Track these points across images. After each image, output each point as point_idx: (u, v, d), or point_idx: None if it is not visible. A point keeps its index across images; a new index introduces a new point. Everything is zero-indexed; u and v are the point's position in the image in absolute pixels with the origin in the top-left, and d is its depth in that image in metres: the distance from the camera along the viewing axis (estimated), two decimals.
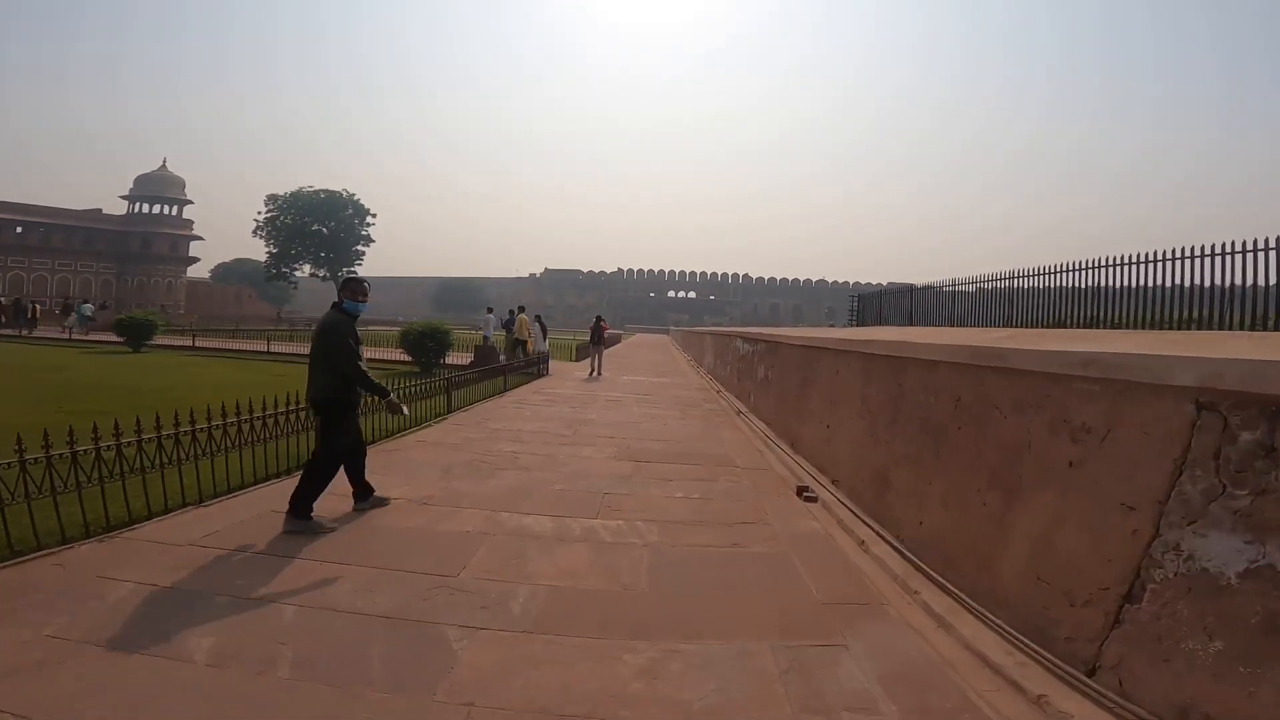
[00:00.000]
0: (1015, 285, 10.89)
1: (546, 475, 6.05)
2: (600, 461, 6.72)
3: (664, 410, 10.85)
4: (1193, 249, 7.45)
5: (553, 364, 19.94)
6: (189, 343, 21.68)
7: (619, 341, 40.93)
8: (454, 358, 17.57)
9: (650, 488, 5.80)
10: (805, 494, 5.88)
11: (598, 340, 18.09)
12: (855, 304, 22.24)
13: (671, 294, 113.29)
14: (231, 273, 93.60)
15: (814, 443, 6.68)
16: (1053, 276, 9.41)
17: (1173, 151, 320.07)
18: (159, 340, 21.91)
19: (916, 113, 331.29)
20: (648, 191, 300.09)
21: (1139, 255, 7.91)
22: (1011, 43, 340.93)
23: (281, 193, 56.50)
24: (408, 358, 15.68)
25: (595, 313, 23.94)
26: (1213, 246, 7.01)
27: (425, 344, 15.17)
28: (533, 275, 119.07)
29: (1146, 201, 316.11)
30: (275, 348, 19.63)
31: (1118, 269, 8.05)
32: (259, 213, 56.78)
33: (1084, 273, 8.72)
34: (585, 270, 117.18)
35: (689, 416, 10.28)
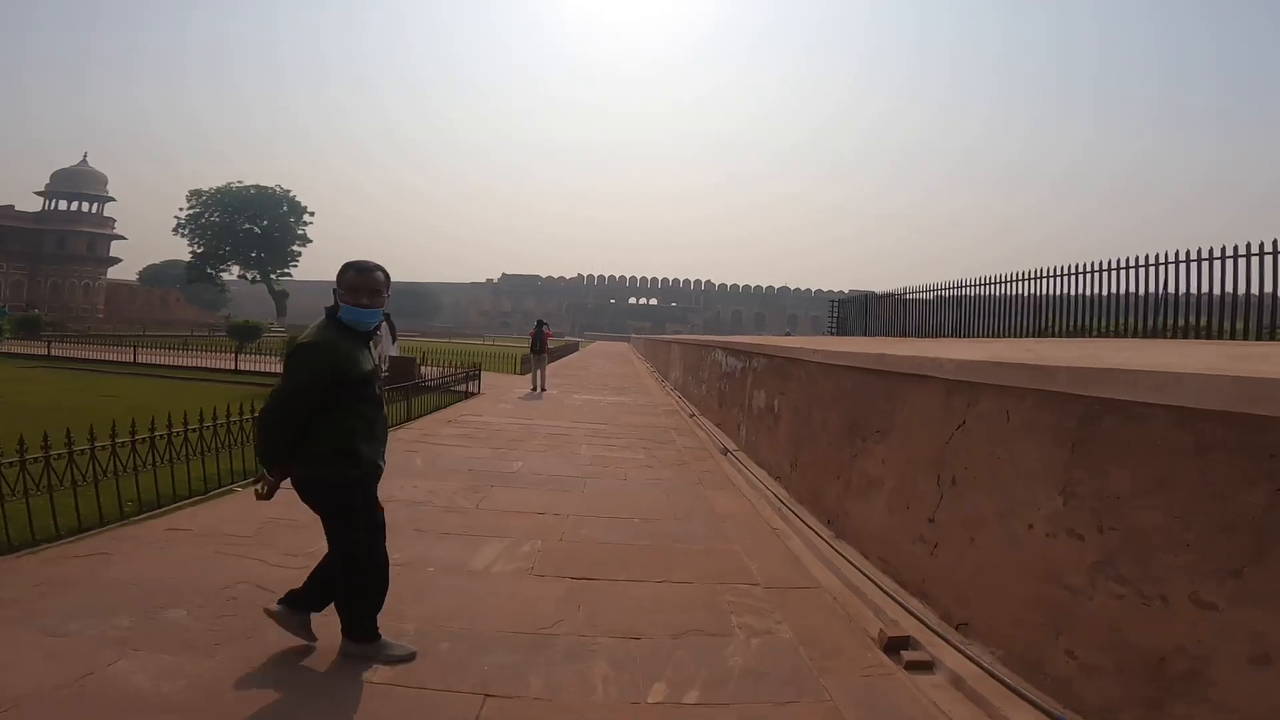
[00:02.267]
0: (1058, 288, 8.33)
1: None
2: (505, 581, 3.61)
3: (625, 450, 7.79)
4: None
5: (492, 378, 16.77)
6: (44, 350, 17.66)
7: (575, 350, 37.65)
8: None
9: (595, 670, 2.73)
10: (908, 656, 2.94)
11: (540, 349, 14.93)
12: (835, 310, 19.88)
13: (633, 300, 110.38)
14: (162, 275, 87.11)
15: (892, 537, 3.73)
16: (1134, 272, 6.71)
17: (1115, 154, 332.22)
18: (7, 347, 17.97)
19: (865, 113, 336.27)
20: (609, 194, 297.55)
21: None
22: (959, 44, 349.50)
23: (206, 188, 51.63)
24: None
25: (555, 320, 20.81)
26: None
27: None
28: (490, 281, 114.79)
29: (1086, 205, 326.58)
30: (143, 358, 15.93)
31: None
32: (180, 209, 51.86)
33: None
34: (544, 276, 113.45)
35: (660, 462, 7.23)
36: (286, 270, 54.19)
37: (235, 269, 53.56)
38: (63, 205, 64.37)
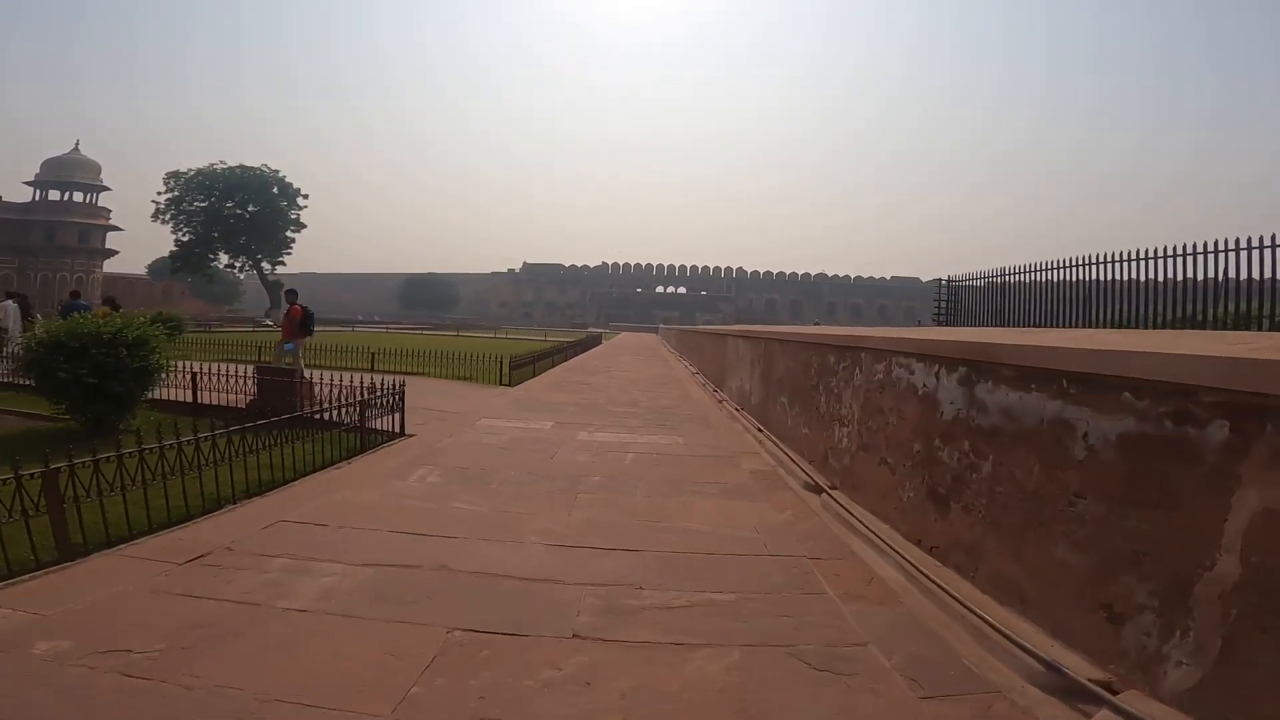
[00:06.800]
0: None
1: None
2: None
3: None
4: None
5: (468, 391, 11.07)
6: None
7: (598, 344, 31.60)
8: (218, 393, 8.65)
9: None
10: None
11: (299, 330, 10.66)
12: (944, 292, 15.40)
13: (660, 289, 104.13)
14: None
15: None
16: None
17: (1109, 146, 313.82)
18: None
19: (869, 100, 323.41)
20: (636, 178, 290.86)
21: None
22: (962, 29, 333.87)
23: (186, 169, 46.75)
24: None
25: (578, 310, 15.07)
26: None
27: (55, 370, 5.90)
28: (511, 270, 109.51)
29: (1077, 197, 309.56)
30: None
31: None
32: (159, 193, 47.11)
33: None
34: (567, 265, 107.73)
35: None
36: (280, 259, 49.32)
37: (224, 257, 48.76)
38: (54, 195, 60.80)
